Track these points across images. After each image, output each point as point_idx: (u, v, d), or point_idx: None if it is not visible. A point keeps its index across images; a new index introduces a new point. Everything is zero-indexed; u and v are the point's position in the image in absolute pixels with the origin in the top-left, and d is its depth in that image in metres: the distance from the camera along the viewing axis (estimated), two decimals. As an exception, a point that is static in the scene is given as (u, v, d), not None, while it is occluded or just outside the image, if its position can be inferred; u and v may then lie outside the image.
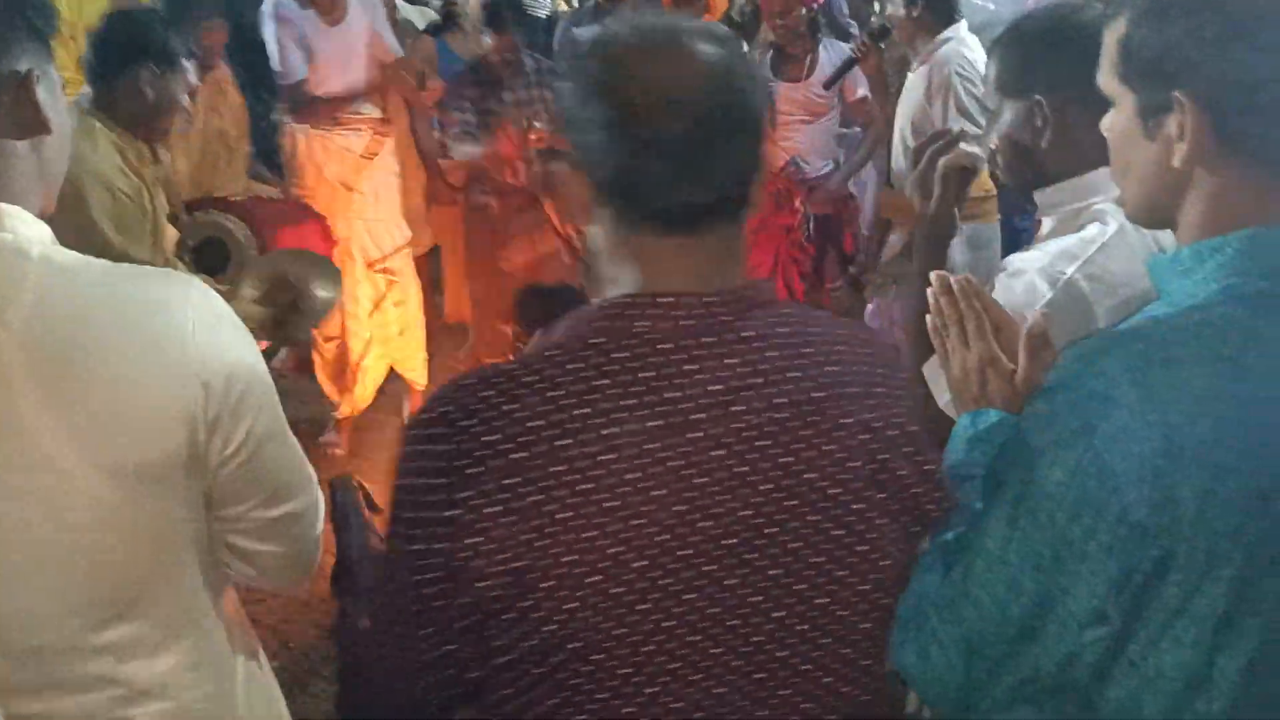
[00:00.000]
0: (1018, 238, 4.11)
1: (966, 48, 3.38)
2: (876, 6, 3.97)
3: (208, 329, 1.02)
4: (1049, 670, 1.01)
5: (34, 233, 0.99)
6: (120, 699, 1.05)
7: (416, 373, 4.29)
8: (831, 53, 3.93)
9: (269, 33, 3.86)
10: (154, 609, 1.05)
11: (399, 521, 0.98)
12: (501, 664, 0.97)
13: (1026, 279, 1.50)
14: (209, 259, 2.71)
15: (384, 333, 4.16)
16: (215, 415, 1.01)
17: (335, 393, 4.12)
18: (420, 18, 5.41)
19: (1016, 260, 1.57)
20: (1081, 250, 1.48)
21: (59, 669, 1.02)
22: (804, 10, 3.89)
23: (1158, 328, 1.01)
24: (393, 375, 4.28)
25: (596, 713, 0.97)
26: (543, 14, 5.74)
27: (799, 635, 1.01)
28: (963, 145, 3.34)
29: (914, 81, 3.50)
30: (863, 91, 3.93)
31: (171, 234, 2.59)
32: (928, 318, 1.24)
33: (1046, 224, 1.62)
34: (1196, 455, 0.93)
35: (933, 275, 1.24)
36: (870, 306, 3.67)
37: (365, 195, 4.04)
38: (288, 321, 2.59)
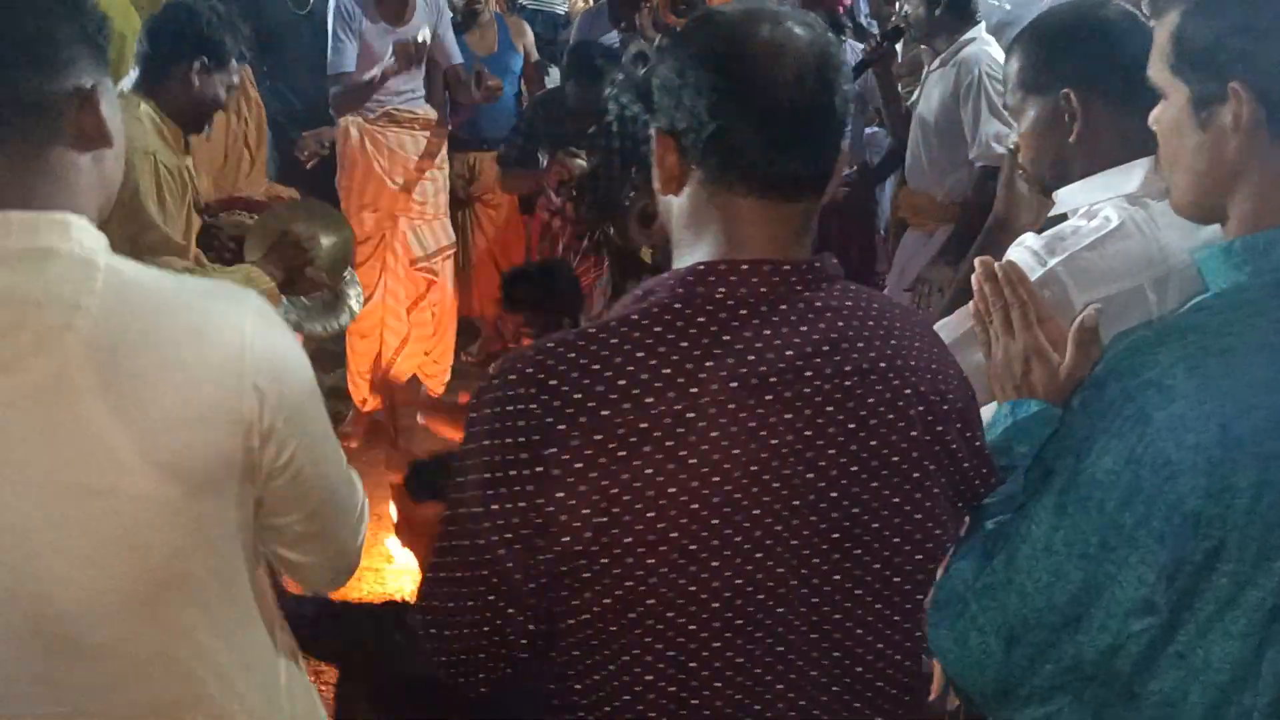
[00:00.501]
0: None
1: (992, 47, 3.36)
2: (897, 7, 3.93)
3: (266, 343, 1.04)
4: (1091, 659, 1.00)
5: (97, 243, 1.02)
6: (182, 693, 1.07)
7: (438, 378, 4.28)
8: (850, 57, 3.93)
9: (331, 28, 3.91)
10: (209, 608, 1.07)
11: (474, 484, 0.99)
12: (574, 624, 0.98)
13: (1022, 256, 1.49)
14: (230, 258, 2.71)
15: (421, 331, 4.17)
16: (269, 425, 1.04)
17: (365, 387, 4.12)
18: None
19: (1027, 238, 1.57)
20: (1074, 242, 1.47)
21: (120, 665, 1.04)
22: (825, 12, 3.89)
23: (1212, 319, 1.01)
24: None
25: (664, 671, 0.98)
26: (562, 9, 5.73)
27: (855, 600, 1.03)
28: (998, 146, 3.32)
29: (935, 82, 3.48)
30: None
31: (196, 223, 2.61)
32: (970, 304, 1.24)
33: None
34: (1252, 445, 0.93)
35: (977, 261, 1.23)
36: None
37: (413, 194, 4.06)
38: (299, 279, 2.60)
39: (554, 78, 4.90)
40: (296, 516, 1.12)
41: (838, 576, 1.02)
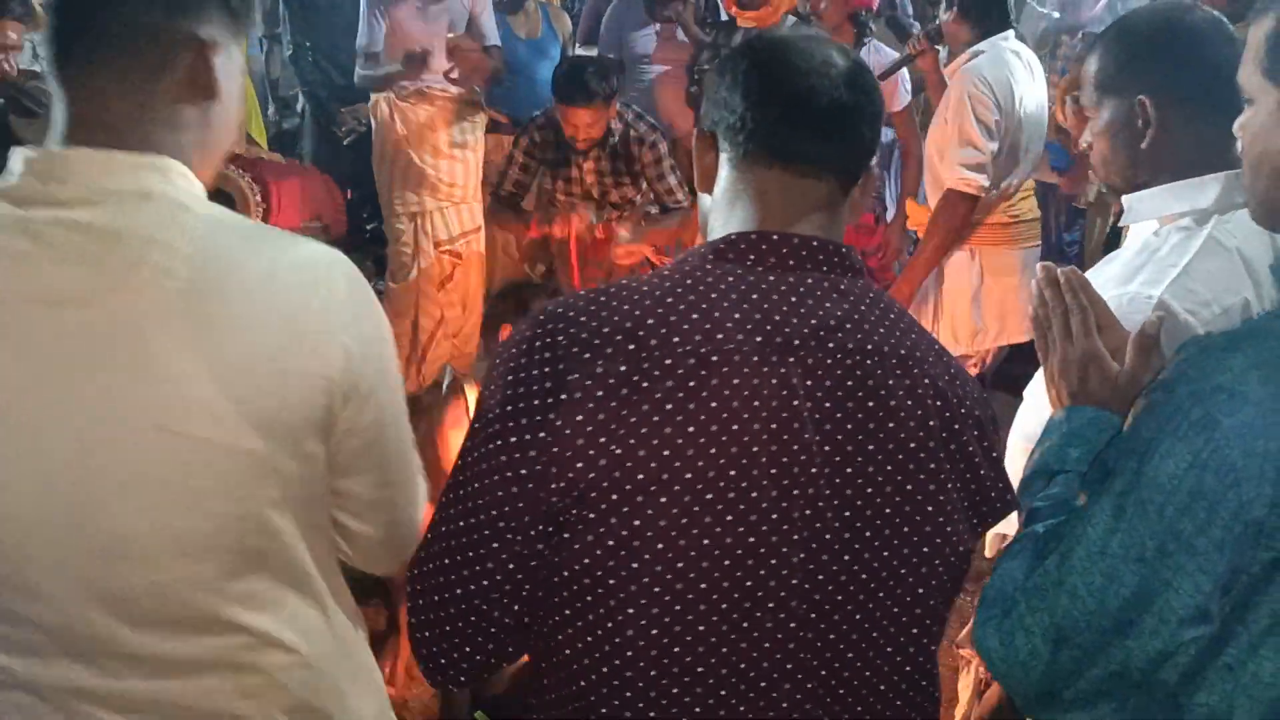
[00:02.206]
0: (1066, 251, 4.07)
1: (988, 63, 3.10)
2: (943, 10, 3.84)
3: (354, 302, 1.05)
4: (1139, 666, 0.99)
5: (194, 189, 1.04)
6: (248, 645, 1.07)
7: (465, 360, 4.21)
8: (881, 58, 3.76)
9: (363, 5, 3.92)
10: (280, 565, 1.07)
11: (496, 411, 0.99)
12: (557, 583, 0.98)
13: (1123, 289, 1.42)
14: None
15: (452, 312, 4.16)
16: (351, 385, 1.04)
17: (400, 367, 4.10)
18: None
19: (1112, 269, 1.51)
20: (1168, 268, 1.39)
21: (192, 610, 1.03)
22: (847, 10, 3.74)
23: None
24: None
25: (645, 649, 0.96)
26: None
27: (860, 586, 1.01)
28: (965, 172, 3.14)
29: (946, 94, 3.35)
30: (903, 103, 3.75)
31: None
32: (1030, 308, 1.23)
33: (1134, 230, 1.58)
34: None
35: (1039, 267, 1.22)
36: None
37: (442, 175, 4.04)
38: None
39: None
40: (366, 480, 1.11)
41: (847, 557, 1.00)
